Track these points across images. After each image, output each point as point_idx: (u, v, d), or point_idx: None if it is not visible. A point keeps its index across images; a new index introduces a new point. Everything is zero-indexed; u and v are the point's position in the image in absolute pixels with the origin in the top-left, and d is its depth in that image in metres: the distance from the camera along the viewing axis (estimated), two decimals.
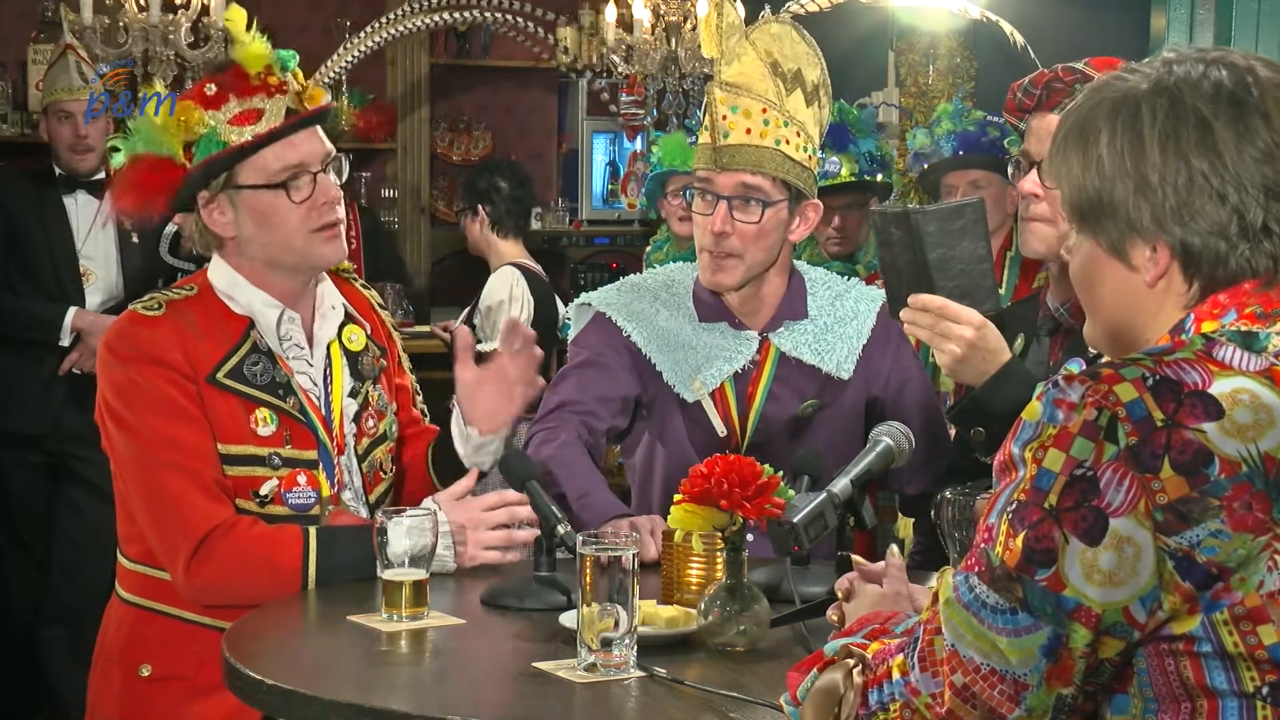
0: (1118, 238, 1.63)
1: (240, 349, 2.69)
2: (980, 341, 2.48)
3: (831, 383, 3.07)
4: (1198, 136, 1.58)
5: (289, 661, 2.31)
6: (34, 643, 5.17)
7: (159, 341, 2.62)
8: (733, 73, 2.98)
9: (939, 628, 1.54)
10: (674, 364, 3.03)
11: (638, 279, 3.19)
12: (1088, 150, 1.63)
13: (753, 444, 3.02)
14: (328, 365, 2.79)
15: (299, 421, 2.70)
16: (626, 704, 2.09)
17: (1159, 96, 1.60)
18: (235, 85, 2.68)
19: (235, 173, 2.68)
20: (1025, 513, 1.50)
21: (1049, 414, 1.51)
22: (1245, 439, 1.47)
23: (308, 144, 2.71)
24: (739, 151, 2.95)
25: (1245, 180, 1.57)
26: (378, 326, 2.92)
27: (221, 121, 2.66)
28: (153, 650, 2.68)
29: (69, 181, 5.21)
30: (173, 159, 2.68)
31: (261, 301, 2.73)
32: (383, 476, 2.84)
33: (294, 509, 2.67)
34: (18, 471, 5.19)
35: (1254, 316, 1.57)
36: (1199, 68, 1.61)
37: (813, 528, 2.42)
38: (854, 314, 3.12)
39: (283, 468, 2.67)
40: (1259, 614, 1.46)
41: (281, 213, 2.68)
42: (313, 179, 2.70)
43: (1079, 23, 5.46)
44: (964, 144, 4.44)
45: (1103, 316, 1.70)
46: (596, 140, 7.49)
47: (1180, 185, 1.58)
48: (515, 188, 5.56)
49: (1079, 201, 1.65)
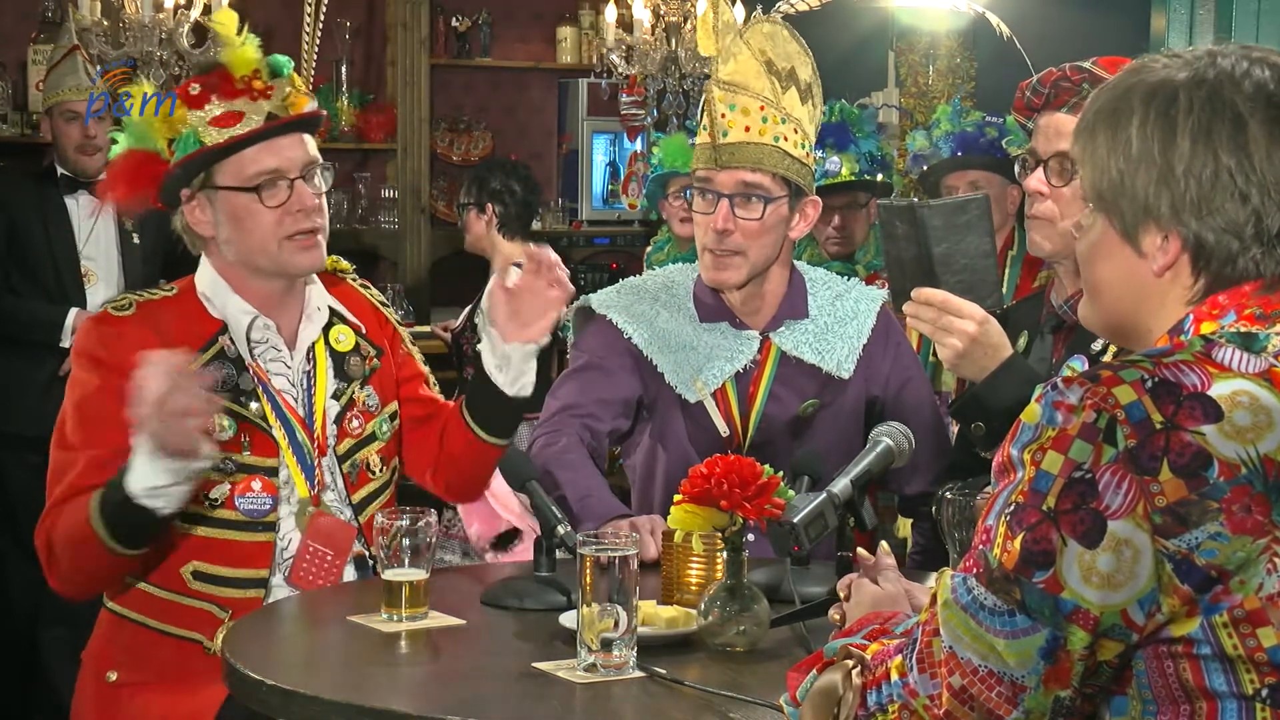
0: (1132, 221, 1.62)
1: (205, 354, 2.69)
2: (982, 337, 2.48)
3: (832, 382, 3.07)
4: (1230, 132, 1.56)
5: (289, 661, 2.32)
6: (34, 643, 5.17)
7: (112, 343, 2.63)
8: (729, 71, 2.98)
9: (937, 629, 1.54)
10: (675, 365, 3.03)
11: (637, 280, 3.19)
12: (1118, 131, 1.61)
13: (754, 444, 3.02)
14: (311, 367, 2.79)
15: (260, 428, 2.70)
16: (626, 704, 2.09)
17: (1198, 87, 1.58)
18: (219, 87, 2.68)
19: (213, 173, 2.69)
20: (1023, 515, 1.49)
21: (1048, 416, 1.51)
22: (1244, 441, 1.46)
23: (289, 150, 2.71)
24: (739, 149, 2.96)
25: (1270, 183, 1.56)
26: (376, 326, 2.90)
27: (202, 121, 2.67)
28: (121, 656, 2.70)
29: (71, 182, 5.21)
30: (159, 154, 2.70)
31: (236, 307, 2.74)
32: (370, 477, 2.82)
33: (246, 514, 2.67)
34: (18, 472, 5.19)
35: (1253, 318, 1.57)
36: (1243, 64, 1.59)
37: (813, 528, 2.42)
38: (854, 314, 3.12)
39: (237, 473, 2.67)
40: (1258, 616, 1.46)
41: (255, 216, 2.69)
42: (289, 185, 2.69)
43: (1079, 23, 5.46)
44: (962, 145, 4.44)
45: (1103, 301, 1.69)
46: (596, 140, 7.48)
47: (1205, 179, 1.57)
48: (527, 193, 5.56)
49: (1100, 181, 1.64)
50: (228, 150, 2.67)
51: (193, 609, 2.65)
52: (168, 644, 2.66)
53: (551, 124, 7.67)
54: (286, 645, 2.42)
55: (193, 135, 2.67)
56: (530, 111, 7.65)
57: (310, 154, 2.75)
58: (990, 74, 5.86)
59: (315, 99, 2.85)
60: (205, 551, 2.66)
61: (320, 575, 2.70)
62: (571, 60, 7.48)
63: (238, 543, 2.67)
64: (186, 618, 2.65)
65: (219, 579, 2.66)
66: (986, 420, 2.52)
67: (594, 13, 7.26)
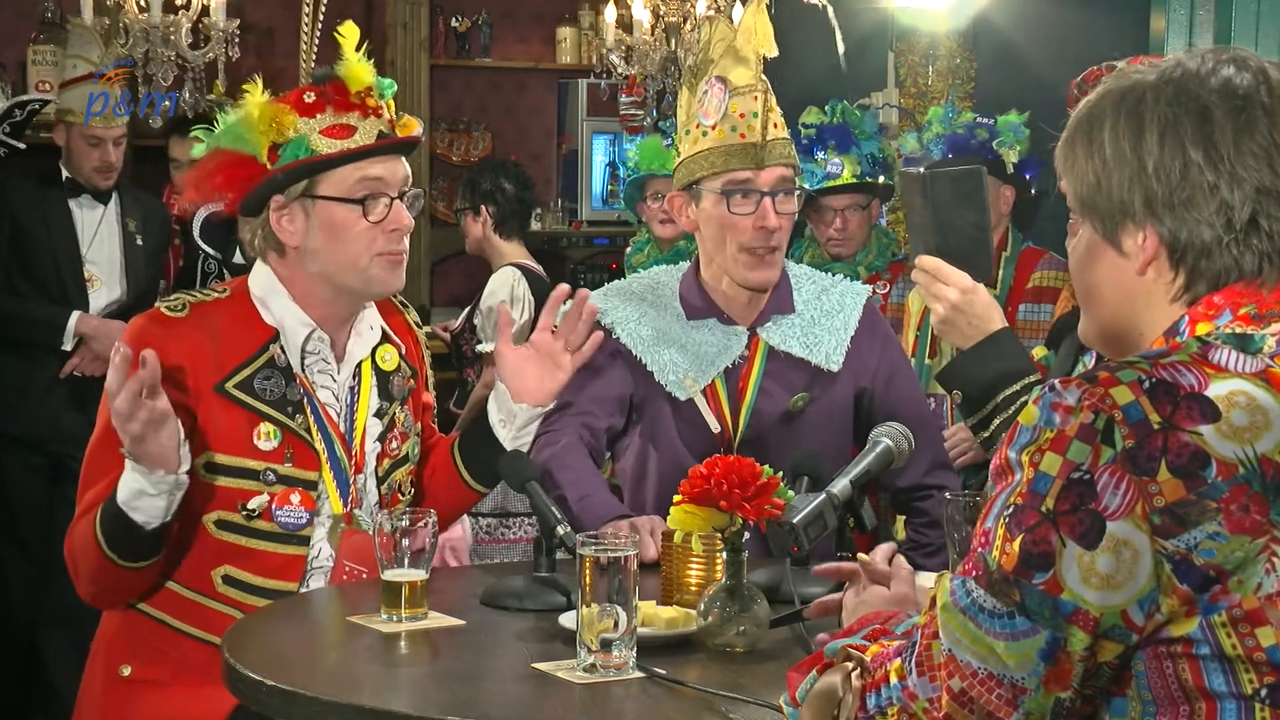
0: (1111, 223, 1.63)
1: (256, 361, 2.68)
2: (965, 305, 2.49)
3: (821, 375, 3.09)
4: (1196, 125, 1.58)
5: (289, 662, 2.32)
6: (34, 643, 5.17)
7: (163, 345, 2.60)
8: (751, 75, 3.02)
9: (936, 632, 1.54)
10: (664, 364, 3.05)
11: (622, 283, 3.22)
12: (1093, 137, 1.63)
13: (745, 439, 3.04)
14: (356, 383, 2.79)
15: (303, 441, 2.70)
16: (626, 704, 2.09)
17: (1165, 86, 1.60)
18: (334, 98, 2.68)
19: (316, 182, 2.68)
20: (1022, 516, 1.49)
21: (1045, 417, 1.51)
22: (1242, 441, 1.46)
23: (392, 169, 2.71)
24: (774, 146, 3.01)
25: (1240, 175, 1.57)
26: (412, 347, 2.91)
27: (314, 130, 2.67)
28: (135, 652, 2.69)
29: (75, 185, 5.21)
30: (255, 158, 2.68)
31: (294, 317, 2.73)
32: (400, 498, 2.83)
33: (283, 526, 2.67)
34: (19, 474, 5.19)
35: (1249, 318, 1.57)
36: (1209, 63, 1.61)
37: (812, 529, 2.42)
38: (840, 307, 3.14)
39: (277, 484, 2.67)
40: (1257, 616, 1.46)
41: (352, 229, 2.68)
42: (389, 203, 2.69)
43: (1079, 23, 5.46)
44: (953, 147, 4.44)
45: (1095, 309, 1.70)
46: (596, 141, 7.48)
47: (1174, 173, 1.58)
48: (520, 189, 5.56)
49: (1080, 189, 1.65)
50: (339, 161, 2.66)
51: (217, 613, 2.65)
52: (187, 644, 2.66)
53: (551, 124, 7.67)
54: (286, 645, 2.42)
55: (304, 142, 2.66)
56: (530, 112, 7.65)
57: (409, 175, 2.76)
58: (990, 74, 5.86)
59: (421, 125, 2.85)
60: (238, 558, 2.66)
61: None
62: (571, 61, 7.47)
63: (271, 553, 2.67)
64: (210, 621, 2.64)
65: (249, 586, 2.66)
66: (964, 389, 2.54)
67: (593, 13, 7.26)
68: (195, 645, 2.65)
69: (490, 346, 5.30)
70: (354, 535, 2.72)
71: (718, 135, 3.01)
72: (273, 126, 2.67)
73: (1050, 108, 2.80)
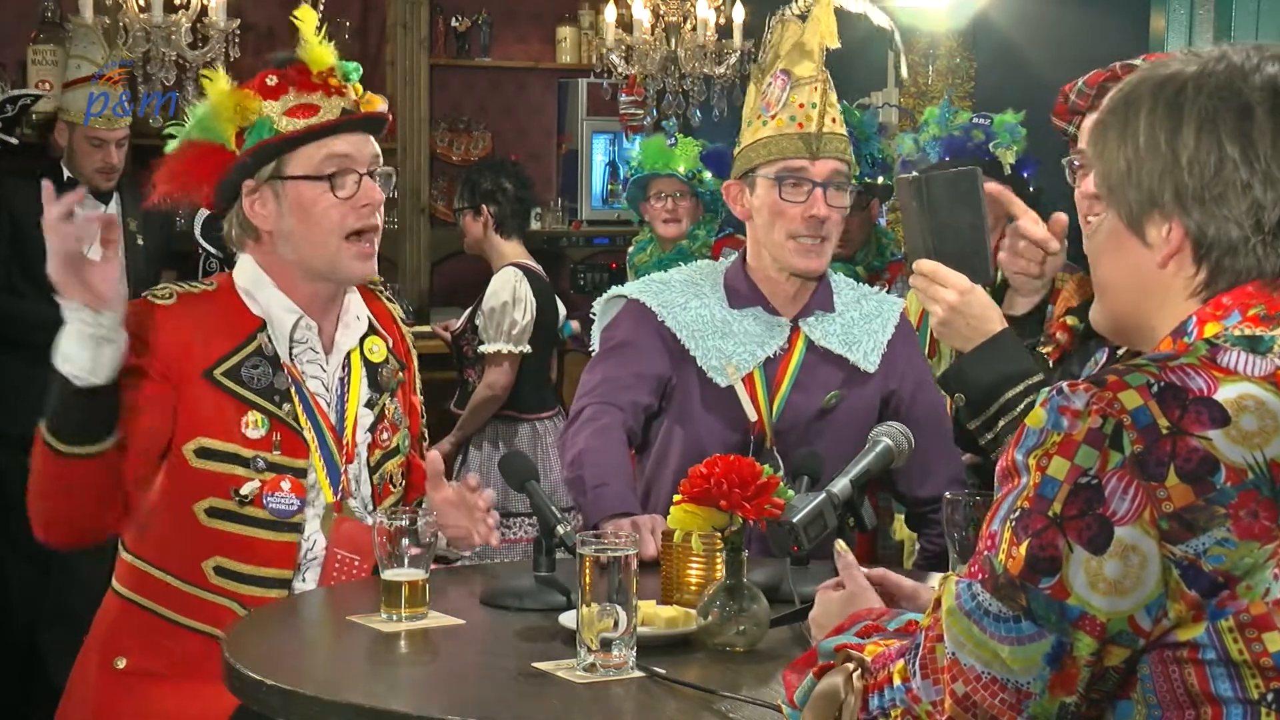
0: (1138, 211, 1.61)
1: (243, 349, 2.69)
2: (964, 307, 2.49)
3: (855, 376, 3.12)
4: (1236, 121, 1.56)
5: (289, 661, 2.32)
6: (34, 643, 5.17)
7: (151, 331, 2.62)
8: (813, 67, 3.06)
9: (940, 635, 1.53)
10: (707, 349, 3.07)
11: (664, 276, 3.24)
12: (1128, 123, 1.61)
13: (776, 431, 3.04)
14: (346, 374, 2.79)
15: (291, 429, 2.70)
16: (626, 704, 2.09)
17: (1207, 78, 1.58)
18: (297, 80, 2.70)
19: (283, 162, 2.69)
20: (1029, 520, 1.49)
21: (1053, 421, 1.50)
22: (1251, 446, 1.46)
23: (359, 145, 2.72)
24: (830, 139, 3.05)
25: (1275, 176, 1.55)
26: (399, 340, 2.92)
27: (277, 111, 2.68)
28: (131, 643, 2.69)
29: (74, 184, 5.21)
30: (223, 146, 2.70)
31: (280, 305, 2.73)
32: (392, 489, 2.84)
33: (274, 513, 2.67)
34: (17, 474, 5.17)
35: (1258, 319, 1.56)
36: (1254, 59, 1.59)
37: (812, 528, 2.42)
38: (878, 312, 3.20)
39: (267, 471, 2.67)
40: (1265, 621, 1.45)
41: (322, 206, 2.69)
42: (358, 179, 2.71)
43: (1079, 23, 5.46)
44: (949, 149, 4.44)
45: (1110, 297, 1.68)
46: (596, 140, 7.48)
47: (1208, 167, 1.56)
48: (519, 189, 5.56)
49: (1109, 173, 1.63)
50: (304, 139, 2.68)
51: (212, 604, 2.65)
52: (184, 636, 2.65)
53: (551, 124, 7.67)
54: (286, 645, 2.42)
55: (268, 123, 2.68)
56: (530, 111, 7.65)
57: (378, 152, 2.77)
58: (990, 74, 5.86)
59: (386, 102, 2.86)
60: (229, 547, 2.66)
61: (350, 580, 2.71)
62: (571, 60, 7.48)
63: (262, 541, 2.67)
64: (205, 612, 2.64)
65: (241, 576, 2.66)
66: (965, 392, 2.54)
67: (594, 13, 7.26)
68: (191, 636, 2.65)
69: (491, 347, 5.30)
70: (345, 524, 2.73)
71: (776, 124, 3.06)
72: (238, 112, 2.69)
73: (1050, 108, 2.80)
